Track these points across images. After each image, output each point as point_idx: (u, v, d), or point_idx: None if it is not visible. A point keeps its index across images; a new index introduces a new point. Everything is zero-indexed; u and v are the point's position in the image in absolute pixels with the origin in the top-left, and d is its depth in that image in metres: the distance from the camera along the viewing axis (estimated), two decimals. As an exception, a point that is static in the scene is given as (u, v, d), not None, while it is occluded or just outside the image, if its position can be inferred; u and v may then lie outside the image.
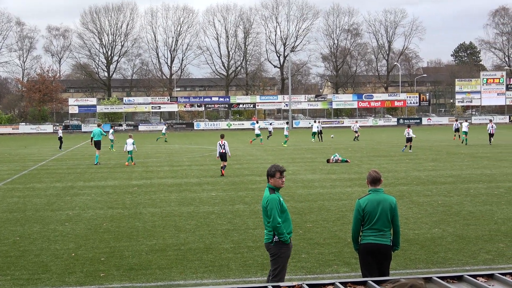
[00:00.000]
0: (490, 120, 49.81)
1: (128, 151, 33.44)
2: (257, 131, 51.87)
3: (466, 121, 54.71)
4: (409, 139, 39.96)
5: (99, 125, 37.10)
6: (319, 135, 55.79)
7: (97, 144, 34.60)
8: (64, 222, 16.44)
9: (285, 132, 50.90)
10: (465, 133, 46.48)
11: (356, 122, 65.62)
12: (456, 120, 55.53)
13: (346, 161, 32.47)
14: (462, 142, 46.82)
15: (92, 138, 36.02)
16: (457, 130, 51.65)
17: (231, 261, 12.10)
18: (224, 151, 27.75)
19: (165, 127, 63.92)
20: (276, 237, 9.07)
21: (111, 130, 49.19)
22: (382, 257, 8.80)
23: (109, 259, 12.41)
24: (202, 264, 11.91)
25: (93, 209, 18.66)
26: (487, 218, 15.90)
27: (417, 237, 13.81)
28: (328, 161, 32.71)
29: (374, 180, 8.94)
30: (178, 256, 12.56)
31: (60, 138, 51.00)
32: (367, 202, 8.81)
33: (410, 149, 39.93)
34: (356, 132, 55.63)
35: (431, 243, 13.21)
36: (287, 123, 53.04)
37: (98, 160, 34.34)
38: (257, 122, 54.83)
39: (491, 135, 46.54)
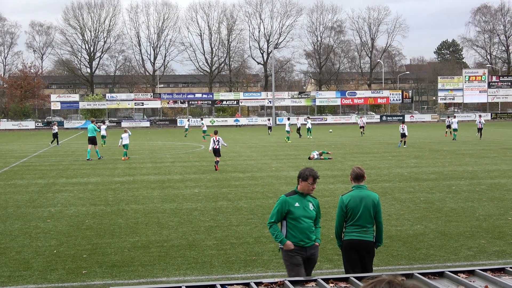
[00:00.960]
0: (480, 116, 52.55)
1: (124, 145, 34.38)
2: (287, 128, 51.30)
3: (455, 117, 55.85)
4: (403, 135, 41.52)
5: (92, 122, 37.76)
6: (298, 130, 56.00)
7: (92, 140, 35.15)
8: (46, 219, 16.34)
9: (287, 128, 50.78)
10: (455, 129, 49.37)
11: (361, 117, 66.37)
12: (449, 117, 56.26)
13: (329, 158, 32.62)
14: (453, 139, 48.23)
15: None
16: (449, 126, 53.12)
17: (214, 257, 12.09)
18: (218, 146, 28.31)
19: (188, 123, 68.14)
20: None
21: (104, 126, 49.08)
22: (365, 253, 8.83)
23: (91, 256, 12.36)
24: (185, 261, 11.89)
25: (75, 206, 18.57)
26: (469, 214, 16.00)
27: (400, 234, 13.88)
28: (309, 158, 32.80)
29: (358, 177, 8.97)
30: (161, 253, 12.53)
31: (55, 134, 50.58)
32: (350, 198, 8.85)
33: (404, 145, 41.50)
34: (362, 127, 57.30)
35: (413, 240, 13.28)
36: (288, 119, 53.59)
37: (89, 156, 34.85)
38: (289, 119, 54.19)
39: (479, 129, 49.84)
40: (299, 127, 56.06)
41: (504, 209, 16.74)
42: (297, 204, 8.51)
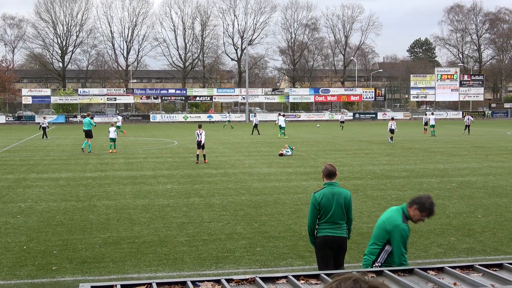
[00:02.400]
0: (467, 113, 55.46)
1: (110, 139, 35.80)
2: (282, 123, 50.90)
3: (432, 114, 57.33)
4: (391, 131, 43.64)
5: (88, 115, 39.31)
6: (255, 128, 56.36)
7: (88, 133, 36.65)
8: (15, 215, 16.16)
9: (283, 124, 50.47)
10: (433, 126, 51.17)
11: (342, 113, 67.40)
12: (426, 114, 57.81)
13: (292, 149, 33.37)
14: (432, 135, 50.14)
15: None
16: (426, 123, 54.59)
17: (185, 254, 12.06)
18: (201, 139, 29.32)
19: (228, 115, 71.62)
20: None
21: (120, 118, 52.91)
22: (338, 249, 8.90)
23: (62, 252, 12.25)
24: (156, 257, 11.85)
25: (46, 201, 18.39)
26: (439, 212, 16.13)
27: (371, 231, 13.94)
28: (280, 154, 32.93)
29: (330, 174, 8.99)
30: (132, 249, 12.47)
31: (44, 128, 50.78)
32: (322, 196, 8.88)
33: (391, 140, 43.41)
34: (342, 122, 59.44)
35: (384, 237, 13.36)
36: (283, 115, 53.60)
37: (90, 149, 36.31)
38: (283, 116, 53.29)
39: (467, 126, 53.92)
40: (256, 123, 56.45)
41: (473, 207, 16.93)
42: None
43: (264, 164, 28.69)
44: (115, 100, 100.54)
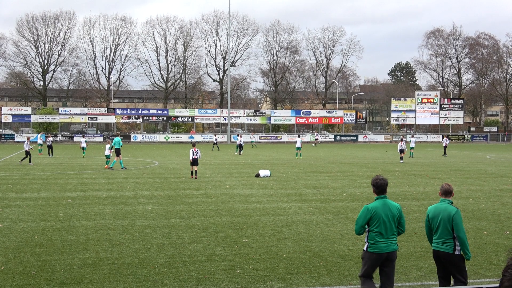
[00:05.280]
0: (446, 136, 57.12)
1: (106, 155, 39.46)
2: (298, 145, 52.85)
3: (413, 136, 58.42)
4: (401, 151, 47.13)
5: (117, 135, 41.80)
6: (239, 148, 58.93)
7: (117, 152, 38.75)
8: (-7, 235, 15.96)
9: (299, 145, 52.40)
10: (412, 148, 54.20)
11: (316, 132, 68.34)
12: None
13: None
14: (409, 156, 52.60)
15: (113, 146, 39.85)
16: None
17: (165, 276, 11.97)
18: (196, 157, 31.96)
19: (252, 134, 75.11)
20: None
21: (84, 139, 53.53)
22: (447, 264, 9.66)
23: (40, 273, 12.11)
24: (136, 279, 11.74)
25: (25, 221, 18.20)
26: (420, 235, 16.20)
27: (352, 253, 13.96)
28: (257, 175, 33.01)
29: (446, 192, 9.75)
30: (111, 270, 12.35)
31: (50, 146, 52.26)
32: (434, 209, 9.72)
33: (402, 160, 47.02)
34: (316, 139, 61.00)
35: (365, 259, 13.35)
36: (299, 136, 56.14)
37: (123, 165, 38.63)
38: (299, 136, 57.55)
39: (445, 147, 56.96)
40: (215, 142, 60.39)
41: (453, 230, 16.97)
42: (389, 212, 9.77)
43: (245, 186, 28.65)
44: (96, 120, 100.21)
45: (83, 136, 61.20)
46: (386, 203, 9.48)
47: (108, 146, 39.64)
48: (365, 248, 9.72)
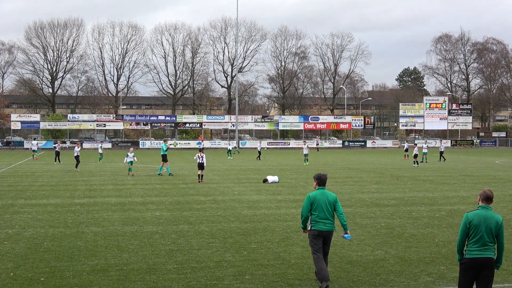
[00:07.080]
0: (441, 140, 58.66)
1: (128, 162, 39.45)
2: (305, 151, 53.23)
3: (426, 142, 59.24)
4: (415, 155, 49.78)
5: (165, 141, 41.15)
6: (259, 154, 61.25)
7: (164, 158, 39.09)
8: (2, 241, 16.01)
9: (306, 151, 52.88)
10: (425, 153, 55.34)
11: (305, 142, 68.28)
12: (406, 141, 62.22)
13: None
14: (422, 161, 54.00)
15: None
16: (406, 150, 59.00)
17: (174, 282, 11.97)
18: (202, 161, 33.08)
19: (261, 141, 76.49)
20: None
21: (100, 145, 55.58)
22: (485, 270, 9.37)
23: (49, 279, 12.13)
24: (145, 285, 11.75)
25: (34, 227, 18.25)
26: (429, 240, 16.14)
27: (360, 259, 13.93)
28: (264, 181, 33.05)
29: (487, 198, 9.47)
30: (120, 276, 12.36)
31: (57, 152, 52.47)
32: (475, 216, 9.41)
33: (416, 164, 49.49)
34: (317, 144, 62.73)
35: (374, 265, 13.33)
36: (304, 142, 57.81)
37: (170, 171, 39.30)
38: (305, 143, 60.39)
39: (441, 153, 57.97)
40: (230, 149, 65.17)
41: (463, 236, 16.90)
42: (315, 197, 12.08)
43: (254, 191, 28.64)
44: (105, 126, 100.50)
45: (101, 142, 63.05)
46: (324, 192, 11.97)
47: (131, 154, 39.58)
48: (309, 228, 11.78)
